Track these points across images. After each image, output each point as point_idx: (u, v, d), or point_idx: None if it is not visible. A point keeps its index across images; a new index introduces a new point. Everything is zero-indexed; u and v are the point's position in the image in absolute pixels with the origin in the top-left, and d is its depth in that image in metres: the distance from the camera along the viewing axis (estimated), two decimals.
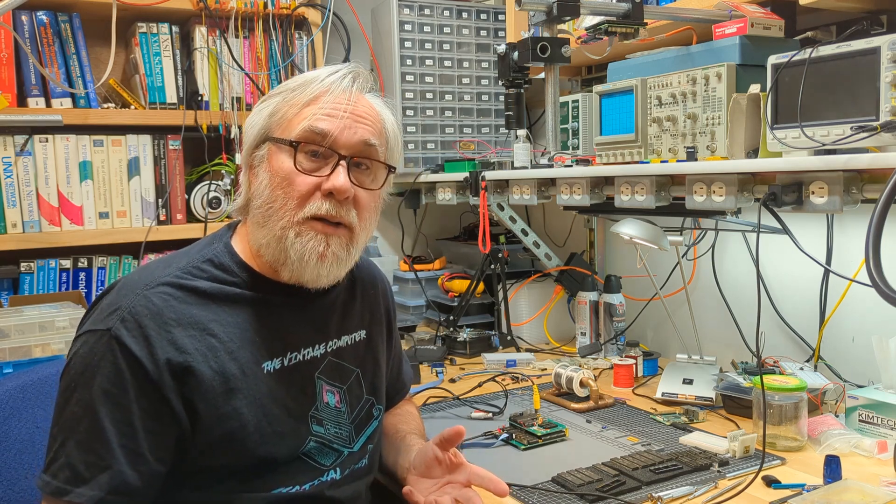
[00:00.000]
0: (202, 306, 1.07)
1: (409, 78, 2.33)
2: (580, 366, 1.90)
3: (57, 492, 0.97)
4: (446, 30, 2.37)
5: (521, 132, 1.92)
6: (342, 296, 1.24)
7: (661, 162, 1.53)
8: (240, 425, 1.05)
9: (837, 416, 1.46)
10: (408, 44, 2.32)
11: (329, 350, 1.19)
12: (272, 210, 1.08)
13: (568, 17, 1.70)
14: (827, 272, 1.70)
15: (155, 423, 1.00)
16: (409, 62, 2.32)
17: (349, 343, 1.23)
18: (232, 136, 2.27)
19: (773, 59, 1.27)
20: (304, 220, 1.07)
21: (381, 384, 1.28)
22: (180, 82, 2.24)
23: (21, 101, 2.04)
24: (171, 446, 1.02)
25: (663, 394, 1.66)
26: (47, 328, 1.70)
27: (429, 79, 2.36)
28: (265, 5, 2.28)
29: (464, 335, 2.18)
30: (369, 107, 1.14)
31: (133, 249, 2.18)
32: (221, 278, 1.11)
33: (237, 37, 2.28)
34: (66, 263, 2.13)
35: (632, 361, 1.83)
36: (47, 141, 2.06)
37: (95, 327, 1.02)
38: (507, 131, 2.09)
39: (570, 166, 1.78)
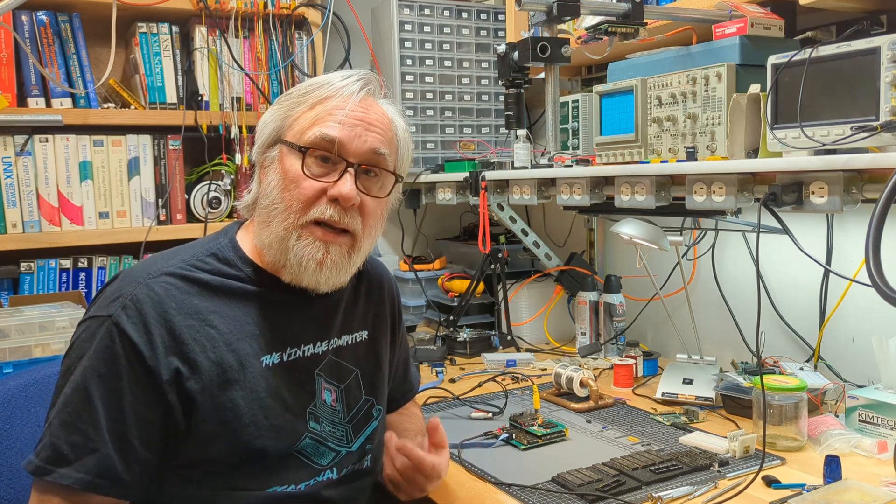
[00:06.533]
0: (203, 297, 1.08)
1: (409, 78, 2.33)
2: (580, 366, 1.90)
3: (37, 471, 0.98)
4: (446, 30, 2.37)
5: (521, 132, 1.92)
6: (347, 294, 1.24)
7: (661, 162, 1.53)
8: (235, 417, 1.05)
9: (837, 416, 1.46)
10: (408, 44, 2.32)
11: (330, 348, 1.19)
12: (277, 211, 1.09)
13: (568, 17, 1.70)
14: (827, 272, 1.70)
15: (146, 409, 1.01)
16: (409, 62, 2.32)
17: (349, 343, 1.23)
18: (232, 136, 2.27)
19: (773, 59, 1.27)
20: (306, 223, 1.09)
21: (381, 385, 1.28)
22: (180, 82, 2.24)
23: (21, 101, 2.04)
24: (160, 435, 1.02)
25: (663, 394, 1.66)
26: (47, 328, 1.70)
27: (429, 79, 2.36)
28: (265, 5, 2.28)
29: (464, 335, 2.18)
30: (381, 114, 1.15)
31: (133, 249, 2.18)
32: (224, 272, 1.12)
33: (237, 37, 2.28)
34: (66, 263, 2.14)
35: (632, 361, 1.83)
36: (47, 141, 2.06)
37: (97, 314, 1.04)
38: (507, 131, 2.09)
39: (570, 166, 1.78)
